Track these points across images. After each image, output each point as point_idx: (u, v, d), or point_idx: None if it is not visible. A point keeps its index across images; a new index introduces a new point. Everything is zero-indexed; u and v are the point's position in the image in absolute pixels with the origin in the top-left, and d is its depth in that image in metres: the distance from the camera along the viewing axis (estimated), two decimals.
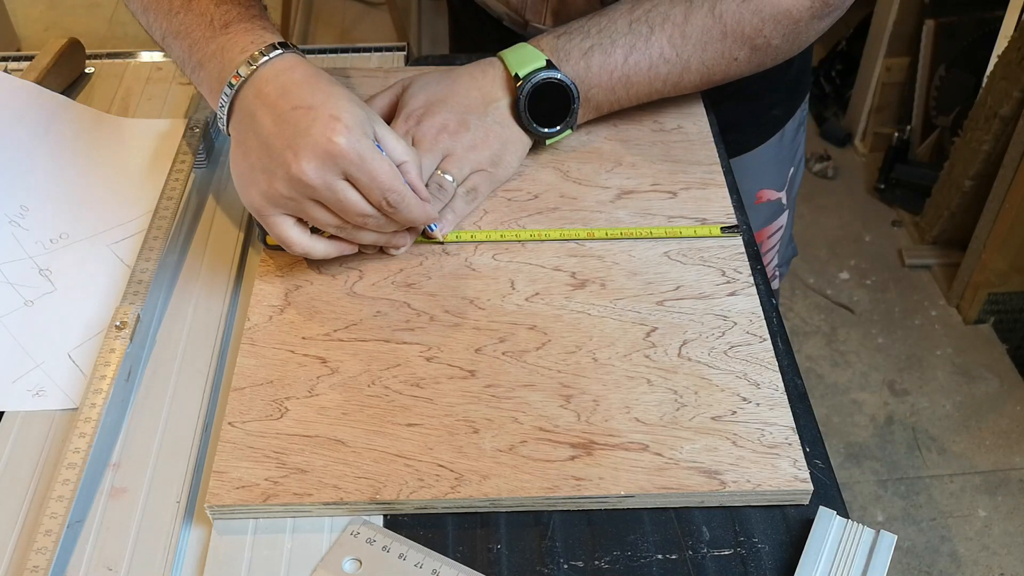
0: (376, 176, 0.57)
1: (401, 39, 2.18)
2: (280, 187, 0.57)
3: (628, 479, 0.53)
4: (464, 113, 0.68)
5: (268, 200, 0.59)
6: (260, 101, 0.58)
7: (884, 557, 0.50)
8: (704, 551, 0.51)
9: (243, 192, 0.60)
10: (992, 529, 1.55)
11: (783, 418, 0.56)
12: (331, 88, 0.58)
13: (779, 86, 0.92)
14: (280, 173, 0.57)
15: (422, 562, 0.50)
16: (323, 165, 0.56)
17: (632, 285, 0.63)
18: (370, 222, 0.60)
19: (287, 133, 0.57)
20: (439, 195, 0.66)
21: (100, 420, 0.55)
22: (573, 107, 0.70)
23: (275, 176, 0.57)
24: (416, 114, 0.68)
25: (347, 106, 0.58)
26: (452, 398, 0.57)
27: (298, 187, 0.57)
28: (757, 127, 0.94)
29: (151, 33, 0.67)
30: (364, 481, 0.52)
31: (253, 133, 0.59)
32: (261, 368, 0.58)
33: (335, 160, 0.56)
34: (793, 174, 1.01)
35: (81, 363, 0.60)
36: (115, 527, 0.52)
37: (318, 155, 0.56)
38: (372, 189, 0.58)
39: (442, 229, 0.66)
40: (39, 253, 0.68)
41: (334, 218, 0.59)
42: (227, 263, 0.67)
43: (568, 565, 0.51)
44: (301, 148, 0.56)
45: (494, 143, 0.69)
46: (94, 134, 0.77)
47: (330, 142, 0.56)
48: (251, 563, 0.51)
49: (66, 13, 2.63)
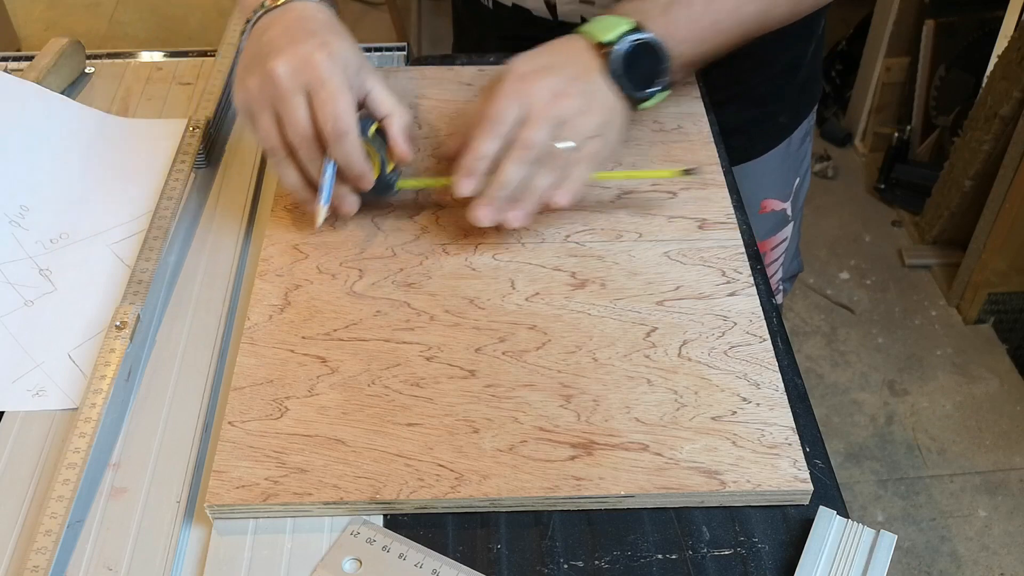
0: (334, 99, 0.61)
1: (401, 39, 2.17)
2: (254, 82, 0.63)
3: (628, 479, 0.53)
4: (572, 79, 0.66)
5: (245, 94, 0.64)
6: (278, 20, 0.65)
7: (884, 557, 0.51)
8: (704, 551, 0.51)
9: (234, 88, 0.66)
10: (992, 529, 1.55)
11: (783, 418, 0.56)
12: (339, 33, 0.65)
13: (786, 92, 0.92)
14: (259, 69, 0.63)
15: (422, 562, 0.50)
16: (293, 71, 0.61)
17: (632, 285, 0.63)
18: (302, 150, 0.62)
19: (282, 43, 0.63)
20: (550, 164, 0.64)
21: (100, 420, 0.55)
22: (664, 66, 0.68)
23: (254, 72, 0.63)
24: (528, 76, 0.66)
25: (344, 46, 0.63)
26: (452, 398, 0.57)
27: (267, 84, 0.62)
28: (763, 133, 0.93)
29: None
30: (364, 481, 0.52)
31: (258, 39, 0.65)
32: (261, 367, 0.58)
33: (304, 70, 0.61)
34: (799, 185, 1.00)
35: (81, 363, 0.60)
36: (115, 527, 0.52)
37: (293, 62, 0.61)
38: (324, 109, 0.61)
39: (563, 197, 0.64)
40: (39, 253, 0.68)
41: (276, 134, 0.63)
42: (227, 262, 0.67)
43: (568, 565, 0.51)
44: (284, 53, 0.62)
45: (603, 109, 0.67)
46: (94, 134, 0.77)
47: (310, 56, 0.61)
48: (251, 563, 0.51)
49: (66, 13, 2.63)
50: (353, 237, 0.67)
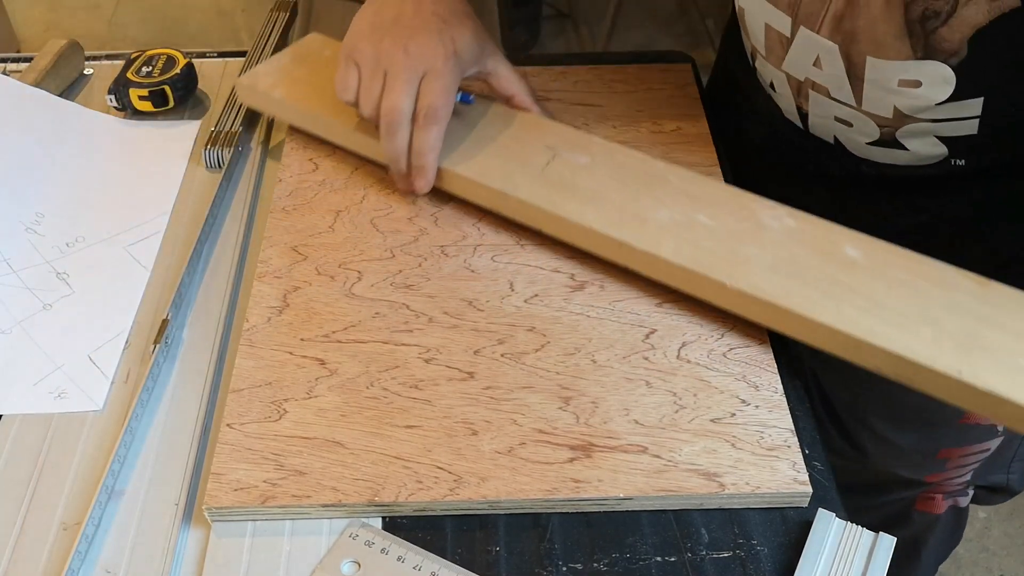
0: (440, 95, 0.64)
1: None
2: (383, 46, 0.65)
3: (627, 481, 0.53)
4: None
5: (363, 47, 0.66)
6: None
7: (883, 559, 0.50)
8: (703, 553, 0.51)
9: (350, 35, 0.68)
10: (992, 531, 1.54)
11: (782, 420, 0.56)
12: (464, 21, 0.67)
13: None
14: (388, 40, 0.65)
15: (421, 564, 0.50)
16: (416, 61, 0.64)
17: (631, 287, 0.63)
18: (392, 123, 0.64)
19: (416, 23, 0.66)
20: None
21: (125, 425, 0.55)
22: None
23: (384, 40, 0.66)
24: None
25: (467, 36, 0.66)
26: (451, 400, 0.57)
27: (390, 55, 0.65)
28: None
29: None
30: (363, 483, 0.52)
31: (392, 5, 0.67)
32: (260, 370, 0.58)
33: (425, 64, 0.64)
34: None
35: (101, 365, 0.61)
36: (113, 529, 0.52)
37: (420, 53, 0.65)
38: (425, 99, 0.64)
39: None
40: (56, 257, 0.68)
41: (376, 96, 0.65)
42: (227, 264, 0.68)
43: (567, 567, 0.51)
44: (416, 40, 0.65)
45: None
46: (105, 138, 0.77)
47: (435, 56, 0.65)
48: (249, 565, 0.51)
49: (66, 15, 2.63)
50: (352, 239, 0.67)
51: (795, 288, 0.57)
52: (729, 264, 0.58)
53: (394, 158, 0.66)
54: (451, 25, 0.66)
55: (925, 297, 0.56)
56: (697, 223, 0.62)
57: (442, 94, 0.64)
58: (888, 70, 0.57)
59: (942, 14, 0.52)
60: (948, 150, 0.60)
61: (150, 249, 0.68)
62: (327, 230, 0.68)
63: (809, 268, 0.58)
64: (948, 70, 0.55)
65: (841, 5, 0.56)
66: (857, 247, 0.59)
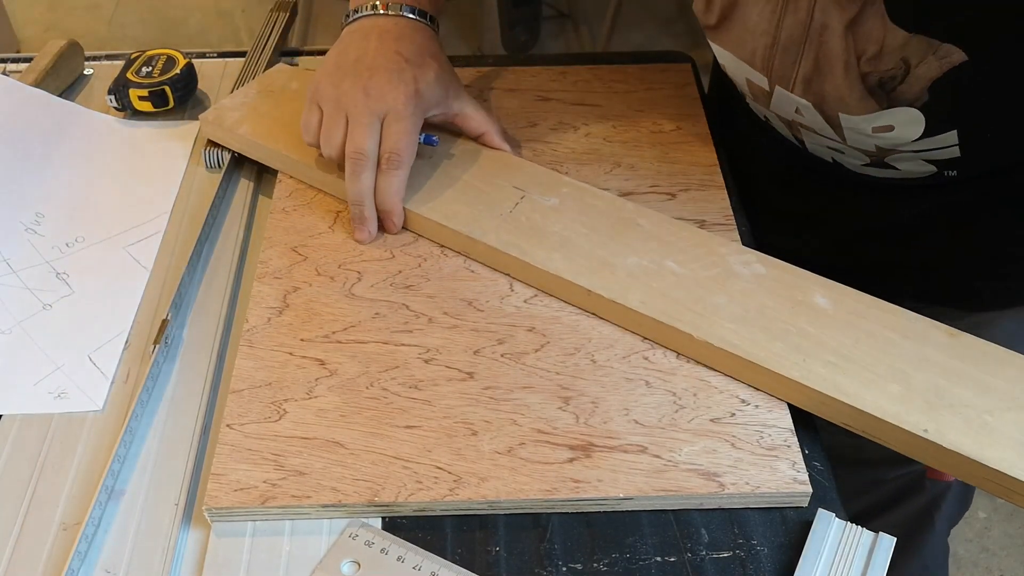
0: (401, 138, 0.64)
1: None
2: (343, 87, 0.65)
3: (627, 481, 0.53)
4: None
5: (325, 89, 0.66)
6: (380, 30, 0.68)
7: (883, 559, 0.50)
8: (703, 553, 0.51)
9: (316, 75, 0.68)
10: (992, 531, 1.54)
11: (782, 420, 0.56)
12: (430, 62, 0.67)
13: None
14: (348, 81, 0.65)
15: (420, 564, 0.50)
16: (376, 103, 0.64)
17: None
18: (356, 166, 0.64)
19: (378, 63, 0.66)
20: None
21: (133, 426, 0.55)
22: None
23: (344, 81, 0.66)
24: None
25: (432, 77, 0.67)
26: (451, 400, 0.57)
27: (351, 97, 0.65)
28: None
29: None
30: (362, 483, 0.52)
31: (356, 45, 0.68)
32: (259, 370, 0.58)
33: (385, 105, 0.64)
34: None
35: (101, 365, 0.61)
36: (113, 529, 0.52)
37: (380, 94, 0.64)
38: (387, 142, 0.64)
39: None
40: (56, 257, 0.68)
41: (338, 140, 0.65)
42: (226, 264, 0.67)
43: (567, 567, 0.51)
44: (376, 75, 0.65)
45: None
46: (105, 139, 0.77)
47: (395, 97, 0.64)
48: (249, 565, 0.51)
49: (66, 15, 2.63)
50: (351, 239, 0.67)
51: (763, 341, 0.57)
52: (697, 315, 0.58)
53: (358, 200, 0.65)
54: (414, 65, 0.66)
55: (894, 350, 0.56)
56: (666, 270, 0.61)
57: (404, 136, 0.64)
58: (860, 122, 0.58)
59: (897, 77, 0.54)
60: (936, 168, 0.61)
61: (150, 249, 0.68)
62: (327, 230, 0.68)
63: (777, 319, 0.58)
64: (916, 112, 0.56)
65: (809, 68, 0.58)
66: (827, 295, 0.59)
